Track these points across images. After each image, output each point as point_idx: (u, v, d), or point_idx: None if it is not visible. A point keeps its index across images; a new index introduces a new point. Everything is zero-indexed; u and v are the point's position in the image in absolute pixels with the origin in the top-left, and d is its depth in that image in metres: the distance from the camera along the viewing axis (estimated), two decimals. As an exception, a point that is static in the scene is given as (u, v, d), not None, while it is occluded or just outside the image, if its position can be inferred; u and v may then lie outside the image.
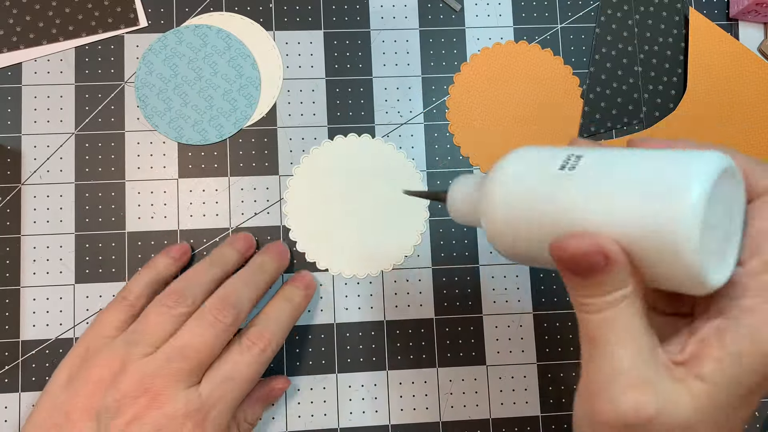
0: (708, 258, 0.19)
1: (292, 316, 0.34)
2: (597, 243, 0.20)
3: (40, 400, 0.30)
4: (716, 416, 0.20)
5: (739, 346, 0.20)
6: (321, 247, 0.38)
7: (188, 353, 0.29)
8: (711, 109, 0.40)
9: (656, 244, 0.19)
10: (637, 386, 0.20)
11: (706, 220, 0.18)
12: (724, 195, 0.20)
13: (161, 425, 0.28)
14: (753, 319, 0.20)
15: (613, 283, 0.20)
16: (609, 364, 0.21)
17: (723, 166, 0.19)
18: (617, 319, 0.21)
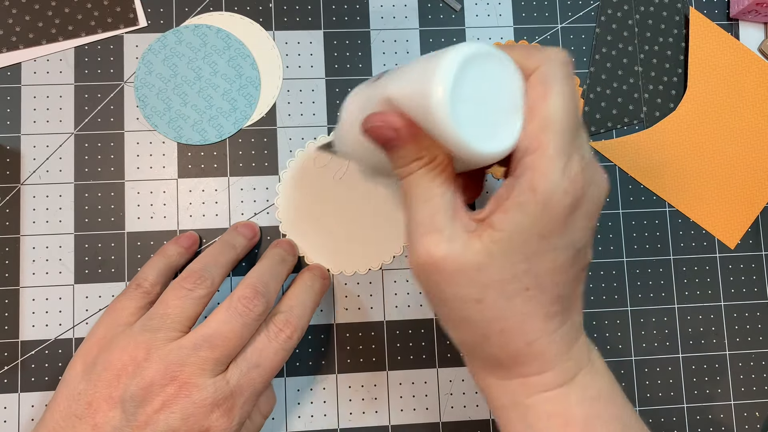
0: (471, 128, 0.23)
1: (315, 303, 0.34)
2: (384, 118, 0.25)
3: (57, 392, 0.30)
4: (505, 259, 0.24)
5: (521, 197, 0.23)
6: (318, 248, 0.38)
7: (216, 342, 0.29)
8: (711, 109, 0.40)
9: (427, 121, 0.23)
10: (428, 234, 0.24)
11: (453, 95, 0.22)
12: (482, 75, 0.23)
13: (189, 413, 0.28)
14: (532, 173, 0.23)
15: (410, 154, 0.25)
16: (411, 217, 0.25)
17: (468, 53, 0.23)
18: (416, 182, 0.25)
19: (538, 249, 0.24)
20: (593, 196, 0.25)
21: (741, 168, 0.40)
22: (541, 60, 0.24)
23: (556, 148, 0.23)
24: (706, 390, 0.39)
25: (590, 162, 0.25)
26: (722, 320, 0.40)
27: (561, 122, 0.23)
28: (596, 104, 0.40)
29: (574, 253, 0.25)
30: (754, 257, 0.40)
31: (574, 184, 0.23)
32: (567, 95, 0.24)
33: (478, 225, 0.25)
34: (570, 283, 0.25)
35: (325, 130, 0.39)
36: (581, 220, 0.24)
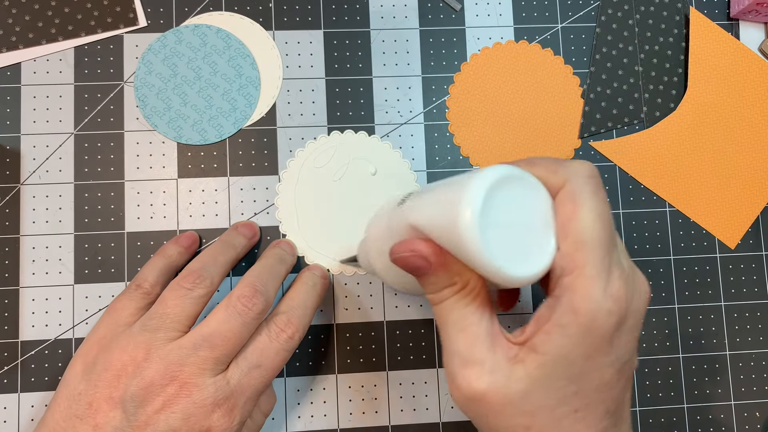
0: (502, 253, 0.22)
1: (316, 303, 0.34)
2: (411, 247, 0.24)
3: (57, 393, 0.30)
4: (551, 384, 0.23)
5: (562, 319, 0.23)
6: (318, 248, 0.38)
7: (216, 341, 0.29)
8: (711, 109, 0.40)
9: (456, 248, 0.23)
10: (468, 366, 0.24)
11: (483, 222, 0.22)
12: (510, 198, 0.23)
13: (190, 413, 0.28)
14: (572, 293, 0.22)
15: (441, 281, 0.24)
16: (448, 347, 0.25)
17: (494, 177, 0.22)
18: (451, 309, 0.25)
19: (584, 370, 0.23)
20: (636, 307, 0.24)
21: (741, 168, 0.40)
22: (566, 176, 0.24)
23: (594, 267, 0.22)
24: (706, 390, 0.39)
25: (631, 273, 0.24)
26: (722, 320, 0.40)
27: (595, 240, 0.23)
28: (596, 104, 0.40)
29: (621, 366, 0.24)
30: (754, 257, 0.40)
31: (617, 302, 0.23)
32: (598, 210, 0.23)
33: (519, 349, 0.24)
34: (618, 397, 0.25)
35: (325, 130, 0.39)
36: (626, 335, 0.24)
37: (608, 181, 0.40)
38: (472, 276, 0.24)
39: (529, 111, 0.40)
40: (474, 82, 0.40)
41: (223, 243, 0.34)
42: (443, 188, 0.24)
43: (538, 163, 0.25)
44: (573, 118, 0.40)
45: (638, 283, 0.25)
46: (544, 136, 0.39)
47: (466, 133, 0.39)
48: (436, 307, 0.25)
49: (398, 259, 0.25)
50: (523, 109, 0.40)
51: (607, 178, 0.40)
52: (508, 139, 0.39)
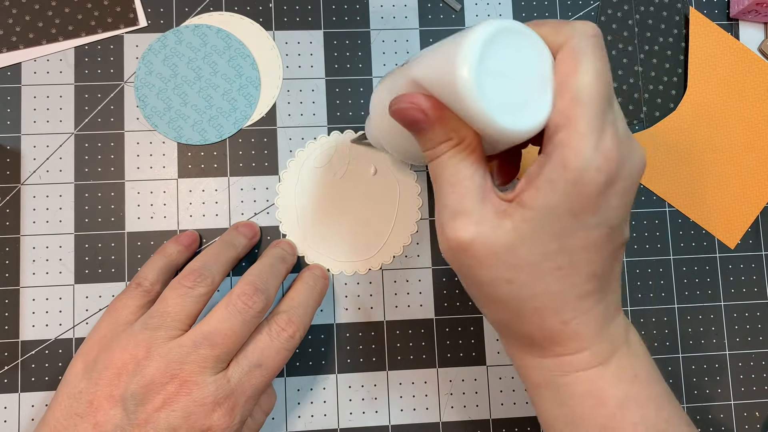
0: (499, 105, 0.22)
1: (317, 302, 0.34)
2: (411, 99, 0.24)
3: (58, 391, 0.30)
4: (536, 238, 0.23)
5: (552, 174, 0.23)
6: (318, 248, 0.38)
7: (216, 340, 0.29)
8: (711, 109, 0.40)
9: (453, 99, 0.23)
10: (456, 217, 0.24)
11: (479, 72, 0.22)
12: (509, 51, 0.23)
13: (190, 412, 0.28)
14: (563, 149, 0.23)
15: (438, 135, 0.25)
16: (440, 200, 0.25)
17: (494, 29, 0.22)
18: (445, 164, 0.25)
19: (570, 227, 0.23)
20: (628, 172, 0.24)
21: (741, 168, 0.40)
22: (569, 34, 0.24)
23: (587, 123, 0.22)
24: (706, 390, 0.39)
25: (625, 137, 0.24)
26: (722, 320, 0.40)
27: (592, 96, 0.23)
28: (596, 104, 0.40)
29: (609, 231, 0.24)
30: (754, 257, 0.40)
31: (607, 161, 0.23)
32: (598, 68, 0.23)
33: (508, 205, 0.24)
34: (605, 262, 0.25)
35: (325, 130, 0.39)
36: (616, 198, 0.24)
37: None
38: (468, 132, 0.24)
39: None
40: (474, 82, 0.40)
41: (224, 242, 0.34)
42: (444, 43, 0.24)
43: (543, 23, 0.25)
44: (573, 118, 0.40)
45: (633, 149, 0.25)
46: (544, 136, 0.39)
47: (466, 133, 0.39)
48: (432, 164, 0.25)
49: (397, 110, 0.25)
50: (523, 109, 0.40)
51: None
52: (508, 139, 0.39)
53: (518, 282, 0.24)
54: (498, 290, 0.25)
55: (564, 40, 0.24)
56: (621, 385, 0.26)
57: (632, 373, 0.26)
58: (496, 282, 0.25)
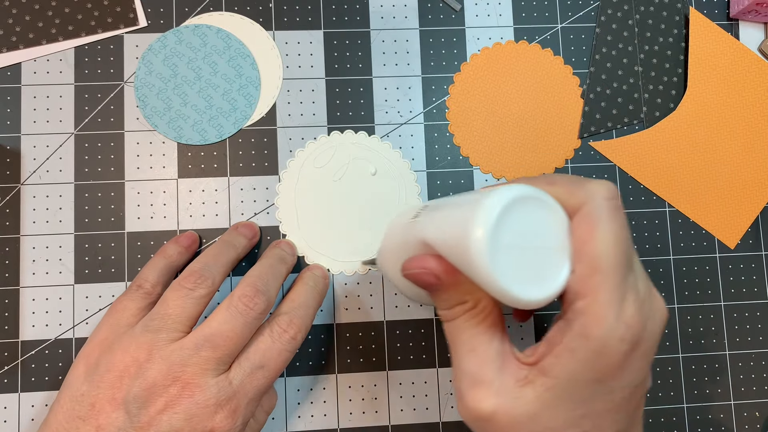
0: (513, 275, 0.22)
1: (318, 303, 0.34)
2: (422, 264, 0.24)
3: (60, 394, 0.30)
4: (559, 407, 0.23)
5: (573, 343, 0.22)
6: (319, 248, 0.38)
7: (218, 341, 0.29)
8: (711, 109, 0.40)
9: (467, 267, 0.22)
10: (476, 386, 0.24)
11: (494, 243, 0.21)
12: (524, 218, 0.23)
13: (193, 414, 0.28)
14: (584, 318, 0.22)
15: (452, 299, 0.24)
16: (458, 365, 0.25)
17: (510, 196, 0.22)
18: (461, 328, 0.25)
19: (593, 394, 0.23)
20: (651, 331, 0.24)
21: (741, 168, 0.40)
22: (585, 197, 0.23)
23: (608, 292, 0.22)
24: (706, 390, 0.39)
25: (647, 297, 0.24)
26: (722, 320, 0.40)
27: (610, 263, 0.22)
28: (596, 104, 0.40)
29: (632, 390, 0.24)
30: (754, 257, 0.40)
31: (630, 328, 0.22)
32: (615, 234, 0.22)
33: (528, 370, 0.24)
34: (628, 417, 0.24)
35: (325, 130, 0.39)
36: (638, 360, 0.23)
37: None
38: (483, 295, 0.24)
39: (528, 111, 0.40)
40: (474, 82, 0.40)
41: (224, 243, 0.34)
42: (457, 206, 0.24)
43: (556, 182, 0.24)
44: (573, 118, 0.40)
45: (655, 306, 0.24)
46: (544, 136, 0.39)
47: (466, 133, 0.39)
48: (447, 325, 0.25)
49: (409, 275, 0.25)
50: (522, 109, 0.40)
51: (607, 178, 0.40)
52: (508, 139, 0.39)
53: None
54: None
55: (579, 203, 0.23)
56: None
57: None
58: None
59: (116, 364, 0.29)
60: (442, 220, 0.24)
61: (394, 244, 0.29)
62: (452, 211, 0.24)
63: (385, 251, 0.30)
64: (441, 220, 0.24)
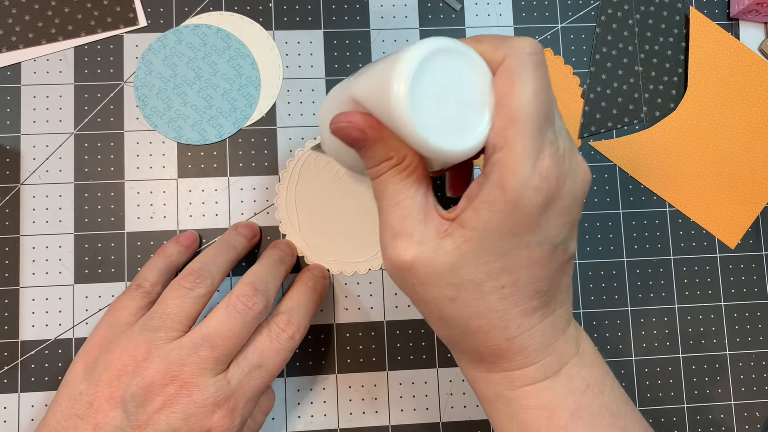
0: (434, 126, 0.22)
1: (317, 303, 0.34)
2: (348, 118, 0.24)
3: (58, 392, 0.30)
4: (477, 258, 0.24)
5: (490, 195, 0.23)
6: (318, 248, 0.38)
7: (216, 341, 0.29)
8: (711, 109, 0.40)
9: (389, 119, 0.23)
10: (398, 237, 0.24)
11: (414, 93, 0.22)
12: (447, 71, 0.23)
13: (191, 413, 0.28)
14: (500, 170, 0.23)
15: (378, 154, 0.25)
16: (382, 219, 0.25)
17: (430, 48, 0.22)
18: (386, 183, 0.25)
19: (512, 246, 0.23)
20: (570, 189, 0.24)
21: (741, 168, 0.40)
22: (508, 51, 0.23)
23: (523, 144, 0.22)
24: (706, 390, 0.39)
25: (566, 154, 0.24)
26: (722, 320, 0.40)
27: (528, 117, 0.22)
28: (596, 104, 0.40)
29: (551, 248, 0.24)
30: (754, 257, 0.40)
31: (545, 180, 0.23)
32: (535, 87, 0.23)
33: (449, 224, 0.24)
34: (550, 278, 0.25)
35: (325, 130, 0.39)
36: (556, 217, 0.24)
37: (608, 181, 0.40)
38: (408, 152, 0.25)
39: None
40: (474, 82, 0.40)
41: (224, 243, 0.34)
42: (383, 61, 0.24)
43: (482, 40, 0.24)
44: (573, 118, 0.40)
45: (576, 166, 0.24)
46: (544, 136, 0.39)
47: (466, 133, 0.39)
48: (374, 182, 0.26)
49: (336, 129, 0.25)
50: (523, 109, 0.40)
51: (607, 178, 0.40)
52: (508, 139, 0.39)
53: (461, 300, 0.24)
54: (442, 308, 0.25)
55: (502, 57, 0.23)
56: (572, 397, 0.26)
57: (584, 384, 0.26)
58: (440, 300, 0.25)
59: (114, 363, 0.29)
60: (368, 75, 0.24)
61: (330, 105, 0.29)
62: (378, 67, 0.24)
63: (322, 117, 0.30)
64: (367, 76, 0.24)
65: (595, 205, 0.39)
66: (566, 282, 0.26)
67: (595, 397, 0.26)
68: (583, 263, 0.39)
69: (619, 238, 0.39)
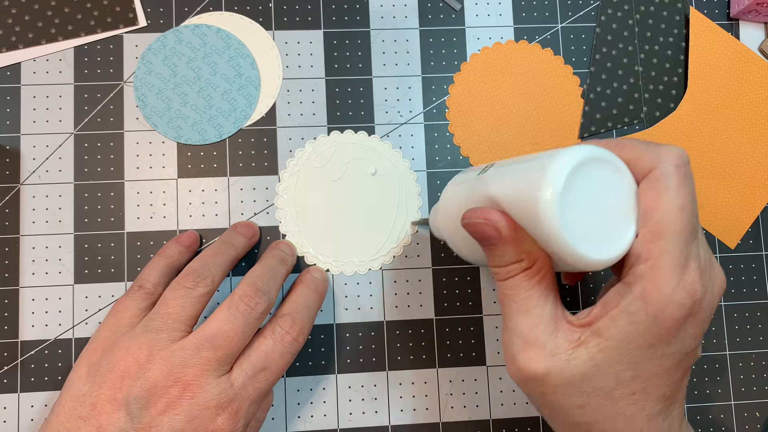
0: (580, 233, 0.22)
1: (318, 304, 0.34)
2: (485, 215, 0.24)
3: (62, 394, 0.30)
4: (611, 368, 0.23)
5: (631, 306, 0.23)
6: (318, 248, 0.38)
7: (219, 342, 0.29)
8: (711, 109, 0.40)
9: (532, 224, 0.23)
10: (528, 348, 0.24)
11: (563, 202, 0.22)
12: (593, 180, 0.23)
13: (194, 415, 0.28)
14: (644, 282, 0.22)
15: (509, 255, 0.24)
16: (509, 326, 0.25)
17: (580, 157, 0.22)
18: (515, 288, 0.25)
19: (645, 357, 0.23)
20: (709, 301, 0.24)
21: (741, 168, 0.40)
22: (654, 161, 0.23)
23: (670, 258, 0.22)
24: (706, 390, 0.39)
25: (707, 266, 0.24)
26: (722, 320, 0.40)
27: (675, 230, 0.22)
28: (596, 104, 0.40)
29: (683, 356, 0.24)
30: (754, 257, 0.40)
31: (689, 295, 0.22)
32: (682, 201, 0.23)
33: (582, 332, 0.24)
34: (676, 383, 0.25)
35: (325, 130, 0.39)
36: (694, 328, 0.23)
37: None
38: (540, 256, 0.24)
39: (529, 111, 0.40)
40: (474, 82, 0.40)
41: (223, 243, 0.34)
42: (527, 162, 0.24)
43: (627, 146, 0.24)
44: (573, 118, 0.40)
45: (714, 276, 0.24)
46: (544, 136, 0.39)
47: (466, 132, 0.39)
48: (501, 284, 0.25)
49: (469, 224, 0.25)
50: (523, 109, 0.40)
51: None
52: (507, 139, 0.39)
53: (590, 407, 0.24)
54: (570, 415, 0.25)
55: (648, 168, 0.23)
56: None
57: None
58: (568, 408, 0.25)
59: (117, 365, 0.29)
60: (510, 176, 0.24)
61: (457, 199, 0.29)
62: (522, 168, 0.24)
63: (445, 207, 0.30)
64: (509, 176, 0.24)
65: (595, 205, 0.39)
66: (686, 381, 0.26)
67: None
68: (583, 263, 0.39)
69: (619, 238, 0.39)
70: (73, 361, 0.36)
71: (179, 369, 0.28)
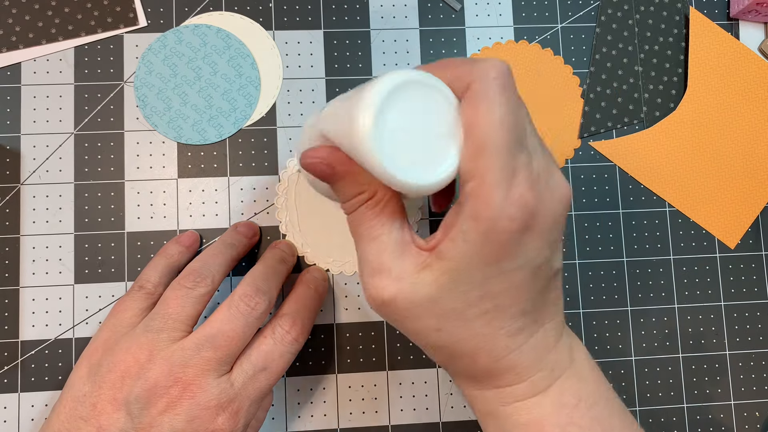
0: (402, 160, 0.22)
1: (318, 305, 0.34)
2: (317, 154, 0.24)
3: (62, 394, 0.30)
4: (457, 289, 0.23)
5: (464, 225, 0.22)
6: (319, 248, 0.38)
7: (219, 342, 0.29)
8: (711, 109, 0.40)
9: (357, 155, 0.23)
10: (376, 274, 0.24)
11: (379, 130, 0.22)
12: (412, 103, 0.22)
13: (194, 415, 0.28)
14: (472, 201, 0.22)
15: (349, 189, 0.25)
16: (359, 255, 0.25)
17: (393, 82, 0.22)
18: (360, 219, 0.25)
19: (489, 274, 0.23)
20: (548, 210, 0.23)
21: (741, 168, 0.40)
22: (472, 77, 0.23)
23: (494, 172, 0.22)
24: (706, 390, 0.39)
25: (542, 174, 0.23)
26: (722, 320, 0.40)
27: (496, 144, 0.22)
28: (596, 104, 0.40)
29: (533, 270, 0.24)
30: (754, 257, 0.40)
31: (520, 207, 0.22)
32: (501, 111, 0.22)
33: (427, 255, 0.24)
34: (534, 298, 0.25)
35: (325, 130, 0.39)
36: (535, 240, 0.23)
37: (608, 181, 0.40)
38: (379, 186, 0.24)
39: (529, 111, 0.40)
40: (474, 82, 0.40)
41: (223, 243, 0.34)
42: (350, 95, 0.24)
43: (448, 66, 0.24)
44: (573, 118, 0.40)
45: (554, 185, 0.24)
46: (544, 136, 0.39)
47: (466, 133, 0.39)
48: (349, 217, 0.26)
49: (305, 165, 0.25)
50: (523, 109, 0.40)
51: (607, 178, 0.40)
52: (508, 139, 0.39)
53: (446, 330, 0.24)
54: (428, 338, 0.25)
55: (466, 85, 0.23)
56: (563, 411, 0.26)
57: (575, 398, 0.26)
58: (425, 331, 0.25)
59: (118, 365, 0.29)
60: (335, 110, 0.24)
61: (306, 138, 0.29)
62: (344, 101, 0.24)
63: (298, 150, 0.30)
64: (334, 111, 0.24)
65: (595, 205, 0.39)
66: (554, 295, 0.26)
67: (589, 410, 0.26)
68: (583, 263, 0.39)
69: (619, 238, 0.39)
70: (74, 361, 0.36)
71: (179, 369, 0.28)
